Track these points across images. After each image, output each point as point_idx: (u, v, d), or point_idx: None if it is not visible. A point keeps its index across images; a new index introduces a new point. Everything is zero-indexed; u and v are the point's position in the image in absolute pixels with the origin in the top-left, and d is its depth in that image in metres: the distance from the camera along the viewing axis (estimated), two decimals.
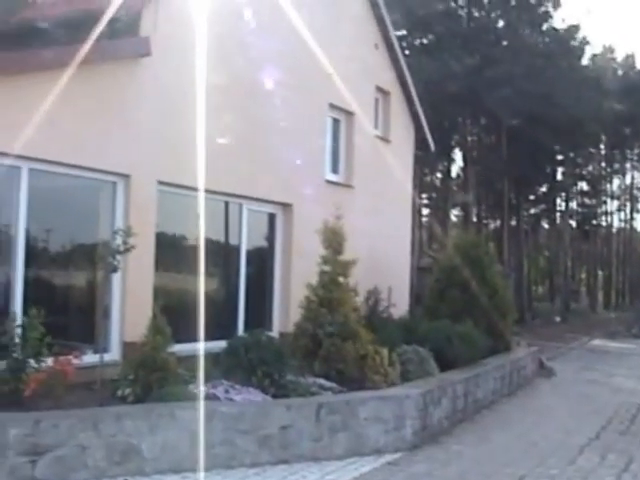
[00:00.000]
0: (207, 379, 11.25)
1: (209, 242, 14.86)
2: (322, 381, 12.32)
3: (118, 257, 10.77)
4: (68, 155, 11.74)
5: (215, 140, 13.86)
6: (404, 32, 42.36)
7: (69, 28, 12.04)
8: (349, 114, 19.39)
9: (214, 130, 13.81)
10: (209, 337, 12.88)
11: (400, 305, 20.33)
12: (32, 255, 11.73)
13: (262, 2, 14.93)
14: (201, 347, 12.19)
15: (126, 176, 12.78)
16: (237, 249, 15.88)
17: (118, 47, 12.65)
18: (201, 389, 10.80)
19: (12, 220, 11.44)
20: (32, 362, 10.14)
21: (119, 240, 10.75)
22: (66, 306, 13.01)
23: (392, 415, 11.64)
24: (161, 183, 13.28)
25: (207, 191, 13.66)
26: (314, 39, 16.20)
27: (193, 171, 12.77)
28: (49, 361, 10.38)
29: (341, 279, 13.47)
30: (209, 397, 10.65)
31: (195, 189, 13.09)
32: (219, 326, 14.58)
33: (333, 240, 13.49)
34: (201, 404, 9.98)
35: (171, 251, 13.69)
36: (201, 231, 13.01)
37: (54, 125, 11.43)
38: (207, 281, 14.57)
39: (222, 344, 12.66)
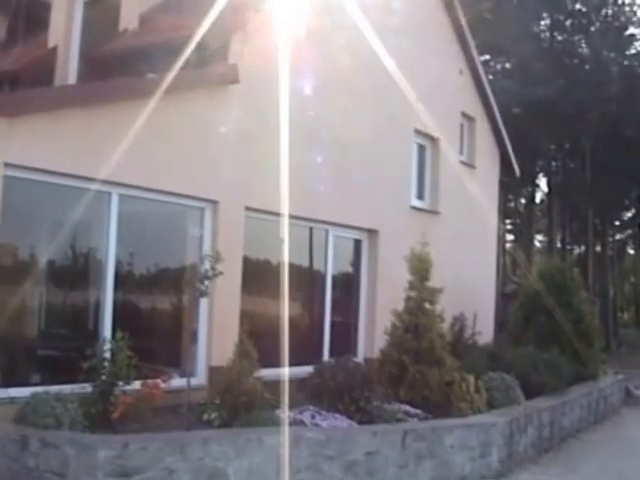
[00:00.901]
0: (293, 404, 11.28)
1: (295, 267, 14.93)
2: (407, 407, 12.27)
3: (206, 282, 10.86)
4: (157, 181, 11.93)
5: (301, 166, 13.95)
6: (487, 57, 42.22)
7: (159, 56, 12.21)
8: (434, 140, 19.36)
9: (300, 157, 13.90)
10: (295, 362, 12.93)
11: (485, 331, 20.14)
12: (121, 279, 11.90)
13: (347, 30, 14.97)
14: (287, 372, 12.25)
15: (214, 202, 12.92)
16: (323, 275, 15.93)
17: (206, 74, 12.81)
18: (287, 414, 10.84)
19: (102, 245, 11.64)
20: (120, 385, 10.29)
21: (207, 265, 10.84)
22: (154, 330, 13.14)
23: (478, 443, 11.56)
24: (248, 209, 13.40)
25: (293, 217, 13.79)
26: (399, 65, 16.22)
27: (279, 197, 12.87)
28: (137, 384, 10.53)
29: (427, 305, 13.42)
30: (295, 422, 10.68)
31: (281, 215, 13.21)
32: (305, 351, 14.63)
33: (419, 266, 13.46)
34: (287, 429, 10.02)
35: (257, 276, 13.76)
36: (285, 256, 13.08)
37: (144, 151, 11.65)
38: (293, 306, 14.68)
39: (308, 369, 12.69)
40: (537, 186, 52.84)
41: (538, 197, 54.58)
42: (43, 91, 12.76)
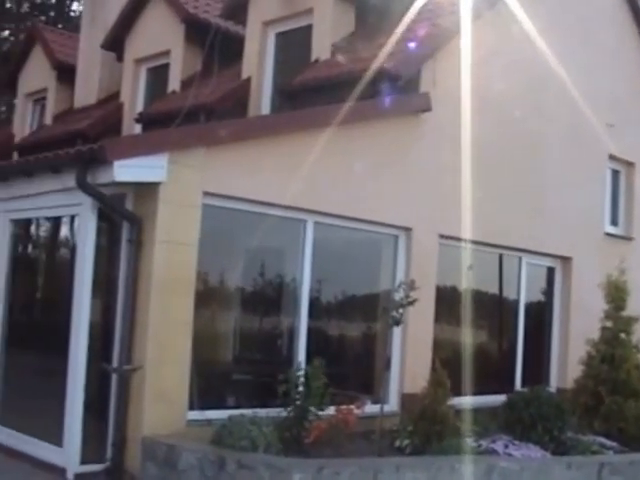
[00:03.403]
0: (485, 433, 11.21)
1: (487, 296, 14.85)
2: (602, 439, 11.96)
3: (401, 310, 10.87)
4: (352, 209, 12.02)
5: (494, 193, 13.87)
6: None
7: (351, 85, 12.32)
8: (629, 165, 18.82)
9: (493, 183, 13.83)
10: (487, 390, 12.85)
11: None
12: (315, 306, 12.05)
13: (537, 57, 14.78)
14: (479, 400, 12.17)
15: (408, 229, 12.91)
16: (515, 303, 15.63)
17: (399, 103, 12.85)
18: (480, 443, 10.75)
19: (297, 272, 11.80)
20: (314, 410, 10.40)
21: (402, 293, 10.85)
22: (346, 356, 13.28)
23: None
24: (441, 236, 13.34)
25: (486, 244, 13.76)
26: (592, 92, 15.95)
27: (471, 224, 12.81)
28: (331, 410, 10.64)
29: (623, 335, 13.10)
30: (488, 451, 10.56)
31: (472, 242, 13.20)
32: (497, 380, 14.50)
33: (615, 295, 13.15)
34: (481, 458, 9.92)
35: (449, 304, 13.67)
36: (469, 284, 13.08)
37: (338, 179, 11.81)
38: (485, 334, 14.59)
39: (499, 398, 12.55)
40: None
41: None
42: (238, 121, 13.08)
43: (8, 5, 41.73)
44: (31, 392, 11.34)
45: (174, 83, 18.00)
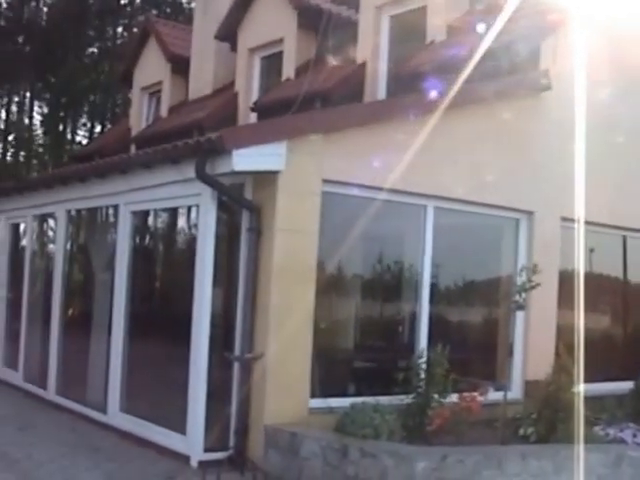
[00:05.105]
0: (612, 421, 10.97)
1: (611, 279, 14.56)
2: None
3: (523, 295, 10.68)
4: (472, 193, 11.83)
5: (616, 174, 13.52)
6: None
7: (467, 66, 12.12)
8: None
9: (615, 164, 13.47)
10: (613, 377, 12.54)
11: None
12: (435, 292, 11.91)
13: None
14: (606, 387, 11.89)
15: (530, 213, 12.65)
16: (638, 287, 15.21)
17: (518, 82, 12.59)
18: (607, 431, 10.52)
19: (417, 258, 11.68)
20: (437, 397, 10.30)
21: (525, 277, 10.67)
22: (467, 343, 13.07)
23: None
24: (564, 219, 13.00)
25: (609, 226, 13.45)
26: None
27: (594, 207, 12.48)
28: (453, 397, 10.51)
29: None
30: (616, 440, 10.34)
31: (596, 225, 12.94)
32: (623, 366, 14.09)
33: None
34: (609, 447, 9.68)
35: (572, 288, 13.33)
36: (593, 267, 12.76)
37: (457, 163, 11.64)
38: (609, 320, 14.28)
39: (626, 385, 12.28)
40: None
41: None
42: (355, 107, 13.03)
43: (123, 2, 42.48)
44: (154, 381, 11.53)
45: (288, 71, 18.01)
